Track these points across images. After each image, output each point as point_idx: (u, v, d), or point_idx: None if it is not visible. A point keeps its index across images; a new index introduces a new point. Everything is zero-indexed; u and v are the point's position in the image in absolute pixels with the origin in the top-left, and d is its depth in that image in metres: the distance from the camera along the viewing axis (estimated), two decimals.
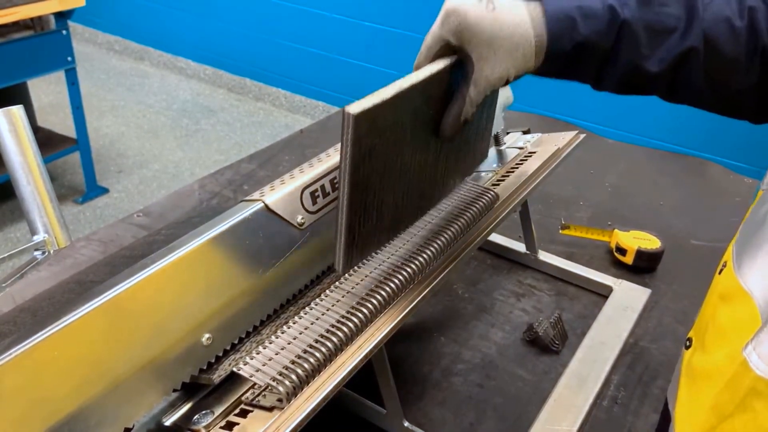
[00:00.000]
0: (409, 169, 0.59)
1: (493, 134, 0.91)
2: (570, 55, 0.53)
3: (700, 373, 0.43)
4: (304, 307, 0.60)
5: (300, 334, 0.56)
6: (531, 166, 0.86)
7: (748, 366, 0.37)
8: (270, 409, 0.50)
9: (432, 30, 0.55)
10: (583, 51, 0.53)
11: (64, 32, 2.39)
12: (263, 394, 0.52)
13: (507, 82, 0.55)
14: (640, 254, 0.98)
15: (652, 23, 0.52)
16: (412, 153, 0.58)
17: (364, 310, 0.58)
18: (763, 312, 0.39)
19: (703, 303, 0.48)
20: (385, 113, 0.51)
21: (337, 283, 0.63)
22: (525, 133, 0.99)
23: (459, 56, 0.55)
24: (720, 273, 0.46)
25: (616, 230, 1.04)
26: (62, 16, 2.37)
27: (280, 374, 0.51)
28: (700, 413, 0.42)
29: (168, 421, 0.51)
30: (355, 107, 0.47)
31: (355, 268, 0.65)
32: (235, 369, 0.53)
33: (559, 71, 0.56)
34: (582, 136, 0.95)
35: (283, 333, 0.56)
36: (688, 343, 0.47)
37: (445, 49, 0.55)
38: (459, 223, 0.71)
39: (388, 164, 0.55)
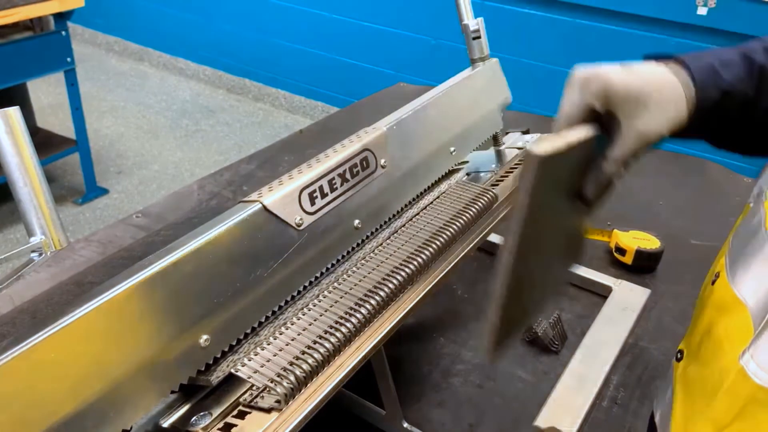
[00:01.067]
0: (550, 237, 0.53)
1: (492, 134, 0.91)
2: (718, 104, 0.51)
3: (696, 384, 0.43)
4: (302, 308, 0.60)
5: (298, 335, 0.56)
6: None
7: (746, 375, 0.37)
8: (268, 410, 0.50)
9: (568, 99, 0.52)
10: (730, 99, 0.52)
11: (63, 33, 2.39)
12: (261, 395, 0.51)
13: (661, 139, 0.52)
14: (640, 254, 0.98)
15: None
16: (556, 218, 0.53)
17: (363, 311, 0.58)
18: (756, 319, 0.39)
19: (694, 314, 0.48)
20: (560, 163, 0.46)
21: (335, 284, 0.63)
22: (524, 133, 0.99)
23: (604, 121, 0.52)
24: (713, 283, 0.46)
25: (615, 230, 1.04)
26: (62, 17, 2.36)
27: (279, 375, 0.51)
28: (697, 425, 0.41)
29: (166, 423, 0.51)
30: (541, 148, 0.41)
31: (354, 268, 0.65)
32: (233, 370, 0.53)
33: (709, 124, 0.54)
34: None
35: (281, 334, 0.56)
36: (679, 355, 0.47)
37: (587, 115, 0.52)
38: (458, 224, 0.71)
39: (545, 227, 0.49)
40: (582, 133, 0.48)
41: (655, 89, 0.50)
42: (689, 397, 0.43)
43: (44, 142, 2.65)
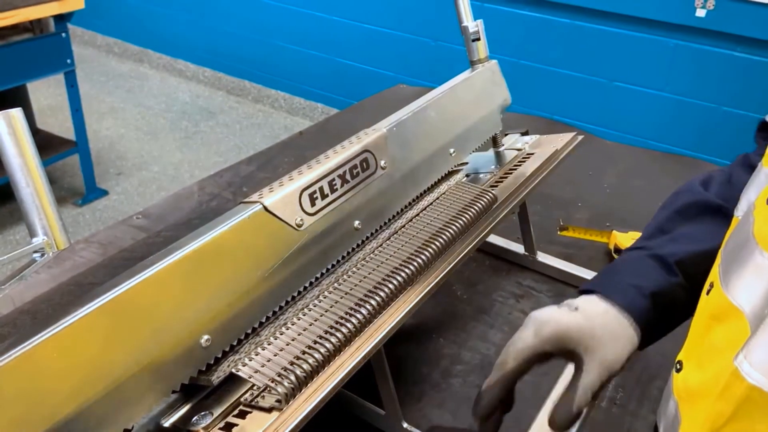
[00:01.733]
0: None
1: (491, 136, 0.91)
2: (653, 307, 0.56)
3: (696, 391, 0.43)
4: (303, 309, 0.60)
5: (299, 335, 0.56)
6: (529, 167, 0.87)
7: (739, 375, 0.37)
8: (269, 410, 0.50)
9: (523, 340, 0.55)
10: (664, 295, 0.56)
11: (63, 35, 2.39)
12: (262, 395, 0.52)
13: (626, 363, 0.55)
14: None
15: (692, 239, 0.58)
16: None
17: (363, 312, 0.59)
18: (752, 324, 0.39)
19: (691, 325, 0.48)
20: None
21: (336, 284, 0.63)
22: (523, 134, 0.99)
23: (564, 357, 0.56)
24: (708, 294, 0.47)
25: (614, 231, 1.04)
26: (62, 19, 2.37)
27: (279, 375, 0.52)
28: (696, 428, 0.42)
29: (167, 423, 0.51)
30: None
31: (354, 269, 0.65)
32: (233, 370, 0.53)
33: (657, 325, 0.57)
34: (580, 137, 0.96)
35: (281, 334, 0.57)
36: (678, 366, 0.47)
37: (540, 357, 0.55)
38: (458, 225, 0.72)
39: None
40: None
41: (602, 323, 0.54)
42: (692, 405, 0.44)
43: (44, 144, 2.65)
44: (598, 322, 0.54)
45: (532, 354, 0.55)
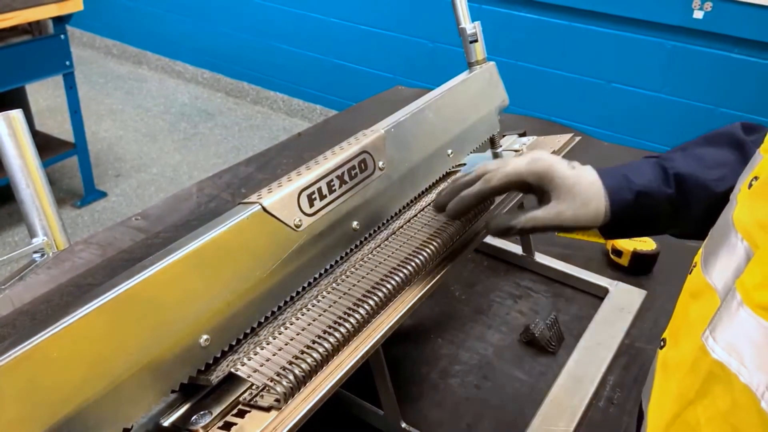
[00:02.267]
0: None
1: (489, 137, 0.92)
2: (635, 204, 0.60)
3: (671, 366, 0.45)
4: (301, 309, 0.60)
5: (297, 335, 0.56)
6: None
7: (705, 350, 0.38)
8: (268, 409, 0.50)
9: (515, 165, 0.62)
10: (648, 198, 0.60)
11: (62, 36, 2.39)
12: (261, 394, 0.52)
13: (572, 230, 0.62)
14: (636, 256, 0.99)
15: (703, 160, 0.60)
16: None
17: (362, 312, 0.59)
18: (722, 299, 0.41)
19: (676, 304, 0.50)
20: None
21: (334, 284, 0.63)
22: (521, 135, 1.00)
23: (536, 193, 0.63)
24: (690, 272, 0.49)
25: None
26: (60, 21, 2.37)
27: (278, 375, 0.52)
28: (666, 403, 0.43)
29: (166, 422, 0.52)
30: None
31: (353, 269, 0.65)
32: (232, 370, 0.53)
33: (627, 224, 0.62)
34: (577, 138, 0.96)
35: (280, 334, 0.57)
36: (662, 344, 0.49)
37: (521, 184, 0.63)
38: (456, 225, 0.72)
39: None
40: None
41: (585, 188, 0.60)
42: (665, 380, 0.45)
43: (43, 145, 2.66)
44: (581, 185, 0.60)
45: (517, 179, 0.62)
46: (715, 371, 0.37)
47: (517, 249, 1.02)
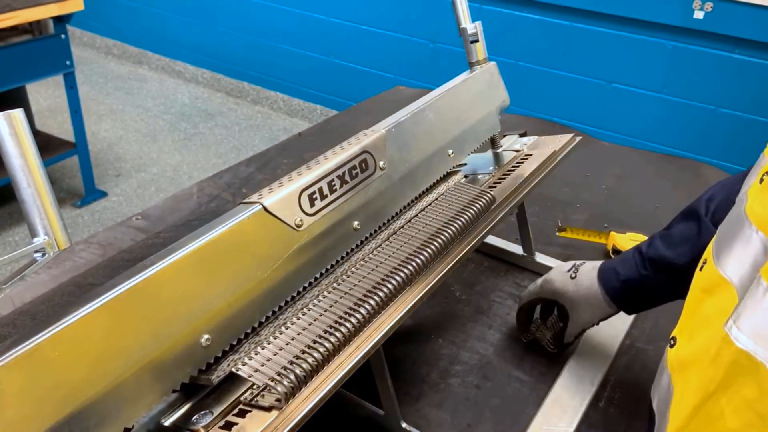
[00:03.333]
0: None
1: (489, 137, 0.92)
2: (626, 289, 0.73)
3: (688, 361, 0.45)
4: (302, 308, 0.60)
5: (298, 334, 0.56)
6: (527, 168, 0.87)
7: (729, 340, 0.39)
8: (268, 409, 0.50)
9: (531, 289, 0.84)
10: (633, 283, 0.73)
11: (62, 36, 2.39)
12: (262, 394, 0.52)
13: (594, 324, 0.77)
14: None
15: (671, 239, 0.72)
16: None
17: (362, 312, 0.59)
18: (740, 292, 0.41)
19: (685, 302, 0.51)
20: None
21: (335, 284, 0.63)
22: (521, 135, 1.00)
23: (556, 306, 0.81)
24: (701, 269, 0.50)
25: (612, 232, 1.04)
26: (61, 21, 2.37)
27: (279, 375, 0.52)
28: (686, 398, 0.43)
29: (167, 422, 0.52)
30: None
31: (353, 269, 0.65)
32: (233, 369, 0.53)
33: (636, 302, 0.75)
34: (578, 138, 0.96)
35: (281, 334, 0.57)
36: (672, 342, 0.49)
37: (542, 301, 0.82)
38: (456, 225, 0.72)
39: None
40: None
41: (584, 296, 0.76)
42: (685, 376, 0.45)
43: (43, 145, 2.65)
44: (582, 294, 0.76)
45: (536, 298, 0.82)
46: (740, 360, 0.38)
47: (517, 249, 1.02)
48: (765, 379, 0.36)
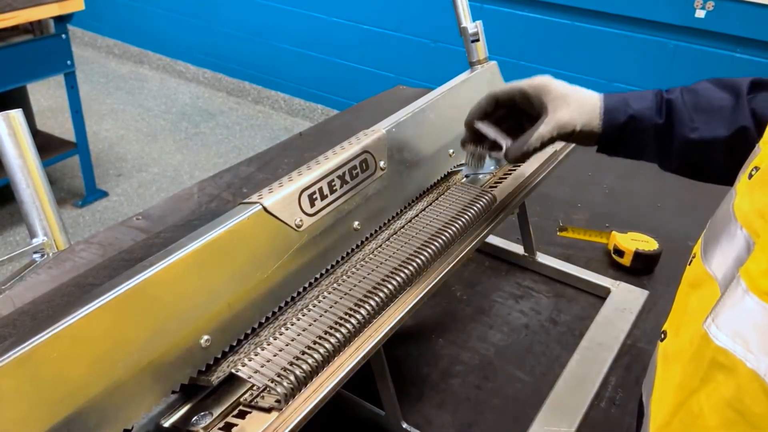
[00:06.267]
0: None
1: None
2: (625, 126, 0.65)
3: (672, 356, 0.45)
4: (302, 309, 0.60)
5: (298, 335, 0.56)
6: (528, 168, 0.87)
7: (708, 338, 0.39)
8: (268, 410, 0.50)
9: (518, 82, 0.70)
10: (638, 123, 0.65)
11: (63, 36, 2.39)
12: (262, 395, 0.52)
13: (573, 133, 0.67)
14: (638, 256, 0.99)
15: (697, 102, 0.65)
16: None
17: (363, 312, 0.59)
18: (722, 288, 0.41)
19: (675, 296, 0.51)
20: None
21: (335, 285, 0.63)
22: None
23: (534, 104, 0.69)
24: (690, 264, 0.50)
25: (613, 232, 1.04)
26: (62, 20, 2.37)
27: (279, 375, 0.52)
28: (669, 393, 0.43)
29: (167, 423, 0.51)
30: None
31: (354, 269, 0.65)
32: (233, 370, 0.53)
33: (620, 143, 0.67)
34: None
35: (281, 334, 0.57)
36: (662, 336, 0.49)
37: (522, 96, 0.70)
38: (457, 225, 0.72)
39: None
40: None
41: (578, 96, 0.67)
42: (667, 370, 0.45)
43: (44, 145, 2.66)
44: (577, 94, 0.67)
45: (518, 90, 0.70)
46: (719, 358, 0.37)
47: (518, 249, 1.02)
48: (743, 376, 0.36)
